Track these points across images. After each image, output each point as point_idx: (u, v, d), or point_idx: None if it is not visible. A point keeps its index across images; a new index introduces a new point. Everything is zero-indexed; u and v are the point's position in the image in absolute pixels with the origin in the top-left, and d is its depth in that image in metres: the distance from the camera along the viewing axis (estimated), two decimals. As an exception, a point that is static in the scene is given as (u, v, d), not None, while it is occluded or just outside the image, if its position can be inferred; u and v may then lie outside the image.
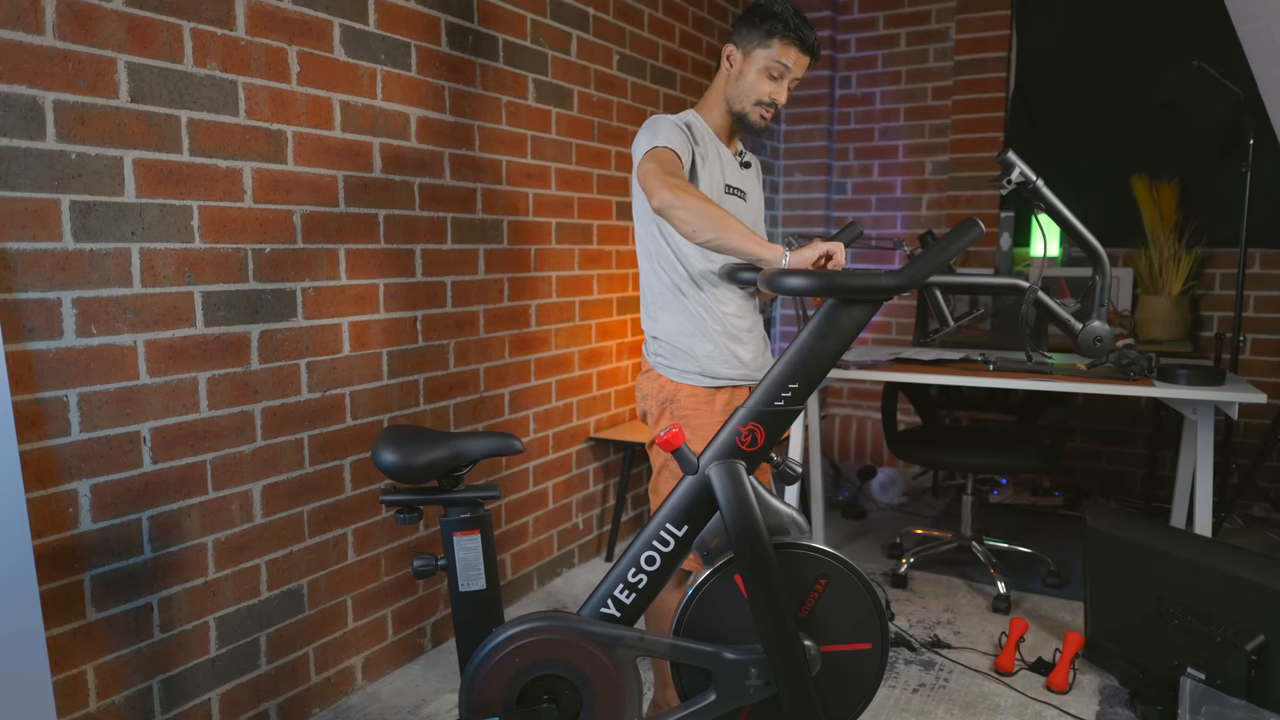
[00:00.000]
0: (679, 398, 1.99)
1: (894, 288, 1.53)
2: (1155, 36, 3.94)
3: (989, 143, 4.35)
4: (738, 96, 1.98)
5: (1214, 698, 2.00)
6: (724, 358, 1.98)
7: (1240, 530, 3.73)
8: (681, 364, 1.99)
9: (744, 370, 2.02)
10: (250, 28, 2.00)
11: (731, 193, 2.04)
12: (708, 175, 1.98)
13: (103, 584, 1.79)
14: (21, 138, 1.62)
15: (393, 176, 2.40)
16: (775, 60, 1.93)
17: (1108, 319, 1.75)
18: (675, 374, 2.00)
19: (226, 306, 1.99)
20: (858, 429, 4.82)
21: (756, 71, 1.95)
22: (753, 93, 1.96)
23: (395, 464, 1.55)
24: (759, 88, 1.95)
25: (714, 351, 1.98)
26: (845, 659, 1.70)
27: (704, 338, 1.98)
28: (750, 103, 1.97)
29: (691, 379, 1.99)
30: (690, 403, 1.98)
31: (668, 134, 1.87)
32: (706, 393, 1.99)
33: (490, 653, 1.58)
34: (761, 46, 1.94)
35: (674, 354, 2.00)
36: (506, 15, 2.77)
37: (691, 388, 1.99)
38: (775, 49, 1.93)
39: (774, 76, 1.95)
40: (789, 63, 1.94)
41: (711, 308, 1.98)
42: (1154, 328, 3.82)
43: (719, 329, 1.98)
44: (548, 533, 3.15)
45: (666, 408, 2.01)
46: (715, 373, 1.99)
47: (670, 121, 1.92)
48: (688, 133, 1.94)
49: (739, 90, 1.97)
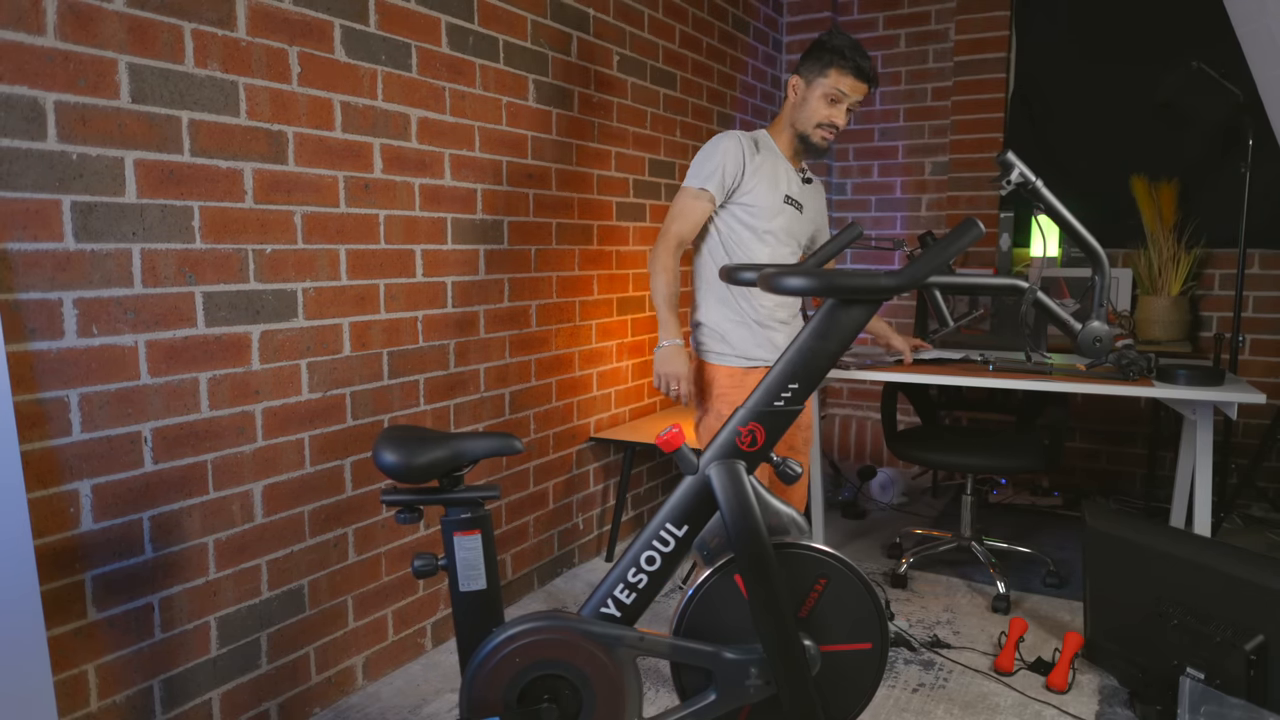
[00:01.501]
0: (718, 378, 2.31)
1: (894, 288, 1.54)
2: (1155, 37, 3.94)
3: (988, 143, 4.35)
4: (801, 120, 2.28)
5: (1213, 697, 2.00)
6: (758, 341, 2.30)
7: (1240, 530, 3.73)
8: (719, 347, 2.31)
9: (778, 354, 2.24)
10: (251, 28, 2.00)
11: (790, 203, 2.35)
12: (765, 185, 2.28)
13: (104, 584, 1.79)
14: (23, 138, 1.62)
15: (393, 177, 2.40)
16: (833, 88, 2.23)
17: (1107, 319, 1.75)
18: (713, 357, 2.33)
19: (227, 307, 2.00)
20: (857, 429, 4.82)
21: (817, 98, 2.25)
22: (814, 116, 2.26)
23: (396, 464, 1.56)
24: (819, 111, 2.25)
25: (749, 336, 2.29)
26: (845, 659, 1.70)
27: (741, 324, 2.29)
28: (811, 125, 2.27)
29: (727, 360, 2.30)
30: (728, 381, 2.29)
31: (707, 172, 2.23)
32: (741, 372, 2.29)
33: (490, 652, 1.58)
34: (821, 76, 2.24)
35: (713, 338, 2.32)
36: (507, 16, 2.77)
37: (729, 369, 2.30)
38: (832, 77, 2.22)
39: (833, 101, 2.24)
40: (845, 89, 2.23)
41: (751, 298, 2.29)
42: (1153, 328, 3.83)
43: (755, 317, 2.29)
44: (548, 533, 3.15)
45: (708, 389, 2.32)
46: (749, 354, 2.29)
47: (724, 149, 2.23)
48: (747, 149, 2.25)
49: (802, 115, 2.28)
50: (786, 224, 2.35)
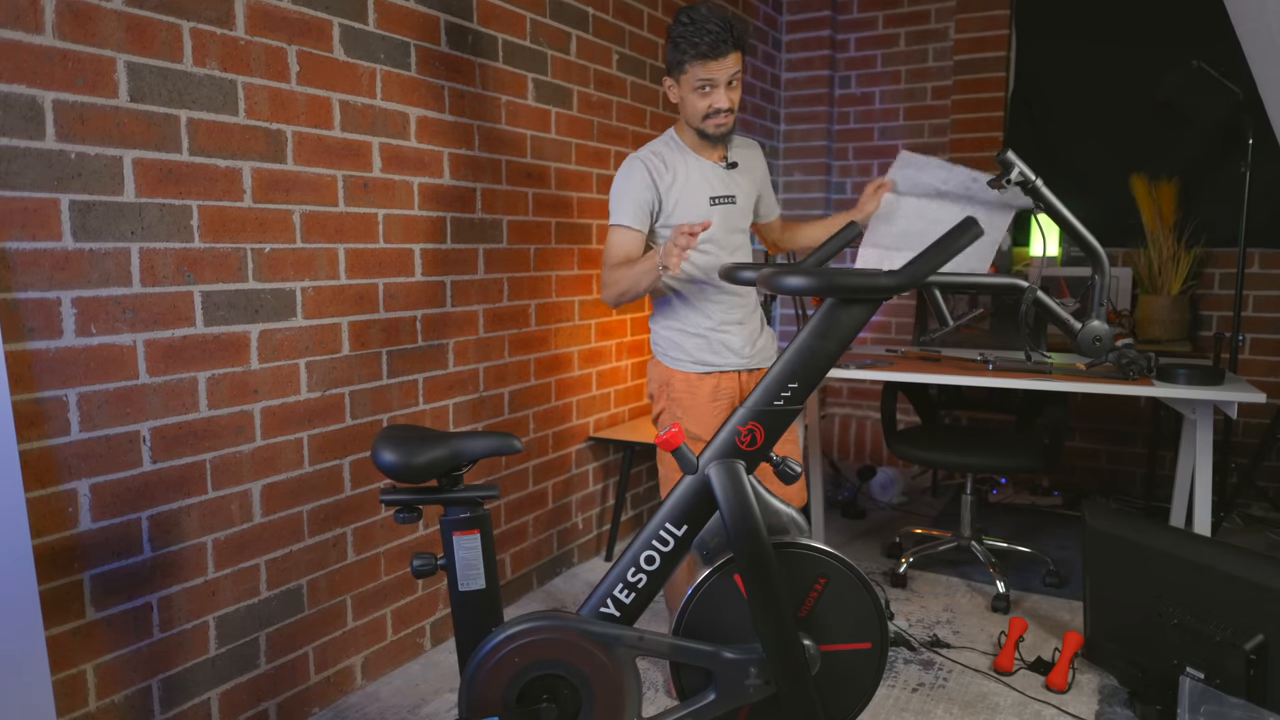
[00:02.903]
0: (673, 382, 2.27)
1: (893, 287, 1.53)
2: (1155, 36, 3.94)
3: (989, 143, 4.35)
4: (690, 117, 2.18)
5: (1213, 697, 2.00)
6: (712, 348, 2.25)
7: (1240, 530, 3.73)
8: (674, 353, 2.27)
9: (734, 358, 2.27)
10: (249, 27, 2.00)
11: (719, 202, 2.24)
12: (687, 199, 2.19)
13: (102, 583, 1.79)
14: (21, 137, 1.62)
15: (392, 176, 2.40)
16: (694, 79, 2.10)
17: (1107, 318, 1.75)
18: (669, 361, 2.29)
19: (226, 306, 1.99)
20: (857, 428, 4.82)
21: (690, 94, 2.14)
22: (697, 110, 2.14)
23: (395, 463, 1.55)
24: (698, 105, 2.13)
25: (702, 344, 2.24)
26: (845, 658, 1.70)
27: (692, 333, 2.25)
28: (699, 119, 2.16)
29: (683, 366, 2.26)
30: (683, 386, 2.26)
31: (620, 206, 2.17)
32: (696, 377, 2.25)
33: (490, 652, 1.58)
34: (681, 73, 2.12)
35: (669, 344, 2.28)
36: (506, 15, 2.77)
37: (684, 374, 2.26)
38: (690, 71, 2.10)
39: (705, 91, 2.12)
40: (707, 74, 2.09)
41: (698, 306, 2.24)
42: (1153, 327, 3.83)
43: (707, 324, 2.24)
44: (547, 532, 3.15)
45: (664, 390, 2.29)
46: (704, 360, 2.25)
47: (630, 179, 2.17)
48: (655, 170, 2.17)
49: (688, 113, 2.17)
50: (721, 223, 2.24)
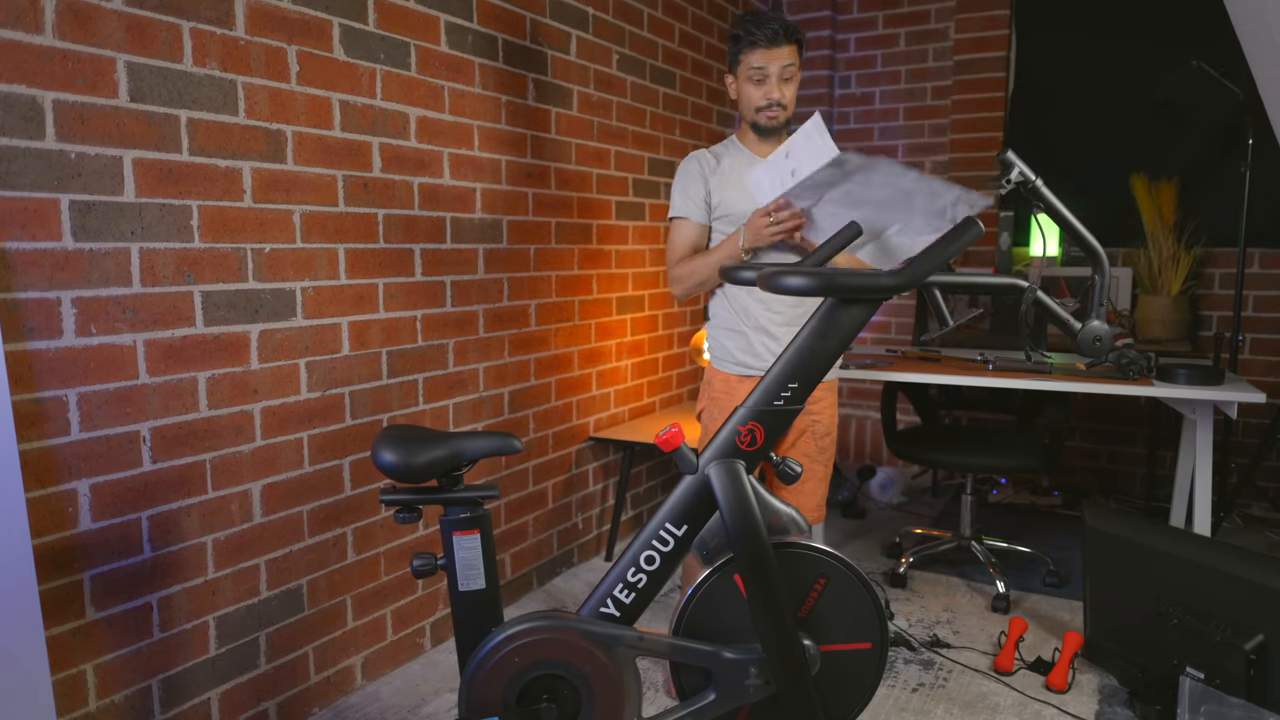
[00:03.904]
0: (714, 381, 2.34)
1: (893, 287, 1.53)
2: (1155, 36, 3.94)
3: (988, 142, 4.35)
4: (745, 111, 2.26)
5: (1213, 697, 2.00)
6: (752, 349, 2.26)
7: (1239, 530, 3.73)
8: (719, 353, 2.34)
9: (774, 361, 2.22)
10: (250, 27, 2.00)
11: None
12: (734, 193, 2.24)
13: (102, 583, 1.79)
14: (21, 137, 1.62)
15: (392, 176, 2.40)
16: (750, 68, 2.19)
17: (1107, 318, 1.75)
18: (715, 361, 2.36)
19: (226, 306, 1.99)
20: (857, 428, 4.82)
21: (745, 85, 2.23)
22: (751, 102, 2.23)
23: (395, 463, 1.55)
24: (753, 96, 2.22)
25: (742, 344, 2.27)
26: (845, 658, 1.70)
27: (737, 332, 2.28)
28: (753, 111, 2.23)
29: (725, 366, 2.32)
30: (722, 386, 2.31)
31: (676, 200, 2.29)
32: (736, 379, 2.29)
33: (490, 652, 1.58)
34: (737, 64, 2.22)
35: (716, 344, 2.35)
36: (506, 15, 2.77)
37: (724, 374, 2.32)
38: (745, 60, 2.20)
39: (759, 81, 2.20)
40: (761, 63, 2.18)
41: (738, 305, 2.27)
42: (1153, 327, 3.82)
43: (751, 324, 2.25)
44: (547, 532, 3.15)
45: (707, 388, 2.36)
46: (743, 362, 2.28)
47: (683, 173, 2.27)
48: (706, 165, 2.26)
49: (743, 106, 2.26)
50: None
